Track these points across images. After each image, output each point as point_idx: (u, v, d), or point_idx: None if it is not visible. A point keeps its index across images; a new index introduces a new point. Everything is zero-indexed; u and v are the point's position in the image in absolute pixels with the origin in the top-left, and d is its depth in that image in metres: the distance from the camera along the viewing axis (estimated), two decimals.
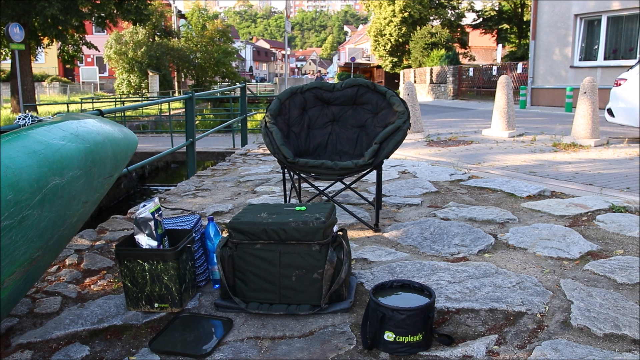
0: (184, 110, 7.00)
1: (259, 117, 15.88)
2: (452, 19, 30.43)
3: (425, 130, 8.30)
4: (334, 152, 3.44)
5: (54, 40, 18.77)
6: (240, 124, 8.62)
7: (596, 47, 13.15)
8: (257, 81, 50.24)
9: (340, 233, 2.10)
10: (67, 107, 16.43)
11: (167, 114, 14.93)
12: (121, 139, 2.07)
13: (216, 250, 2.05)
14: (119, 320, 1.99)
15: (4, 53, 19.10)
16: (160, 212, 2.13)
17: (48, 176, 1.53)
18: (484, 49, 35.33)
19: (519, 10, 27.74)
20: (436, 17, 29.99)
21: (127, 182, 10.36)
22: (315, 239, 1.97)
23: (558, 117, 10.62)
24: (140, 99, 23.39)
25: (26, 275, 1.67)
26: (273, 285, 2.02)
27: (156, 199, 2.15)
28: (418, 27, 28.02)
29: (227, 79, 33.70)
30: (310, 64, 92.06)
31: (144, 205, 2.09)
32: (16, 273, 1.57)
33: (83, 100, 17.81)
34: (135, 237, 2.06)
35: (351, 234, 2.96)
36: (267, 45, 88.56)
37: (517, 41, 28.01)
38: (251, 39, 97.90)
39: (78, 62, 25.07)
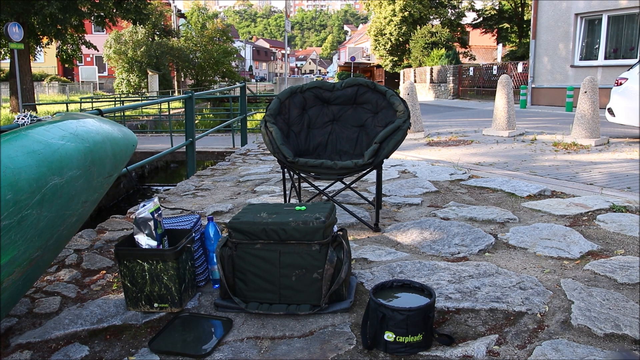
0: (183, 109, 6.99)
1: (259, 116, 15.89)
2: (453, 19, 30.42)
3: (425, 130, 8.30)
4: (333, 152, 3.43)
5: (53, 39, 18.78)
6: (240, 124, 8.61)
7: (597, 46, 13.14)
8: (256, 80, 50.22)
9: (340, 233, 2.10)
10: (67, 106, 16.42)
11: (167, 113, 14.94)
12: (120, 138, 2.07)
13: (216, 250, 2.05)
14: (119, 320, 1.98)
15: (3, 52, 19.09)
16: (160, 212, 2.12)
17: (47, 176, 1.53)
18: (484, 49, 35.33)
19: (520, 9, 27.73)
20: (436, 16, 29.98)
21: (126, 181, 10.35)
22: (315, 238, 1.97)
23: (558, 117, 10.61)
24: (140, 98, 23.37)
25: (25, 275, 1.66)
26: (273, 285, 2.02)
27: (155, 199, 2.15)
28: (418, 27, 28.01)
29: (226, 79, 33.68)
30: (310, 63, 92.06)
31: (144, 205, 2.09)
32: (15, 273, 1.56)
33: (82, 100, 17.80)
34: (135, 237, 2.05)
35: (351, 233, 2.96)
36: (266, 45, 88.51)
37: (517, 40, 28.00)
38: (251, 39, 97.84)
39: (77, 61, 25.07)
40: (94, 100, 19.04)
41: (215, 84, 32.68)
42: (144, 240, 2.05)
